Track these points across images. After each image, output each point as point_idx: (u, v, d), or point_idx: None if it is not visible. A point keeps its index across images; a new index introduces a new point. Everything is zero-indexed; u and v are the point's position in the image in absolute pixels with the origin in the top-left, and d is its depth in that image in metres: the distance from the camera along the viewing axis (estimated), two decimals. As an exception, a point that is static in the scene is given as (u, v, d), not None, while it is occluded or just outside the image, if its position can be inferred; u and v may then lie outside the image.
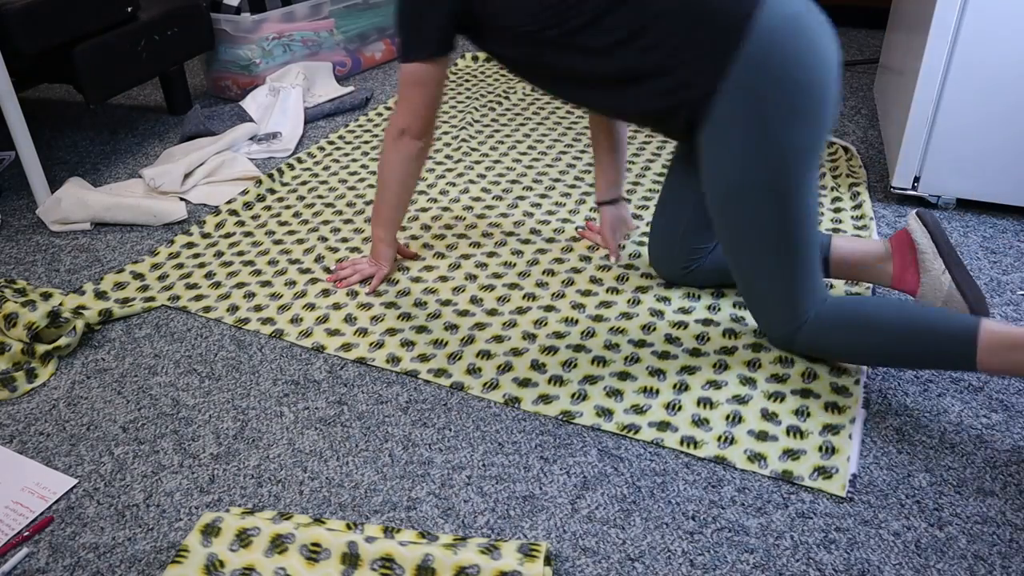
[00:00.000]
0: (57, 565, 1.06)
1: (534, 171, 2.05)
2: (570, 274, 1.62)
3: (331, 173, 2.09)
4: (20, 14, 1.81)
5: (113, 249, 1.79)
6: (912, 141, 1.77)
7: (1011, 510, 1.09)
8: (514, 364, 1.38)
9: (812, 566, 1.02)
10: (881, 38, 2.92)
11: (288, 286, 1.62)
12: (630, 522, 1.09)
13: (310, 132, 2.36)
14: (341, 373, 1.39)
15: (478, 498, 1.14)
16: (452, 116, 2.41)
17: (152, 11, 2.21)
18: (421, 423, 1.27)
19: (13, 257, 1.78)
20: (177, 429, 1.28)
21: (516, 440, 1.23)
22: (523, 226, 1.80)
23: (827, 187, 1.92)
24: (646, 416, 1.26)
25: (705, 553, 1.04)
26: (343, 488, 1.16)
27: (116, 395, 1.36)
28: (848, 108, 2.39)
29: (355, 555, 1.00)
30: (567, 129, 2.29)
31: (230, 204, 1.92)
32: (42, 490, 1.17)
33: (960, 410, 1.26)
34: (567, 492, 1.14)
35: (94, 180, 2.09)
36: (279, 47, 2.57)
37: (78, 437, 1.27)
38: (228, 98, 2.62)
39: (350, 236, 1.79)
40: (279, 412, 1.31)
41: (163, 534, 1.10)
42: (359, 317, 1.52)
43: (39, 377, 1.40)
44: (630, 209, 1.84)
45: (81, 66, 2.00)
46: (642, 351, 1.40)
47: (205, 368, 1.41)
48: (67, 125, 2.48)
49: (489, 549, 1.00)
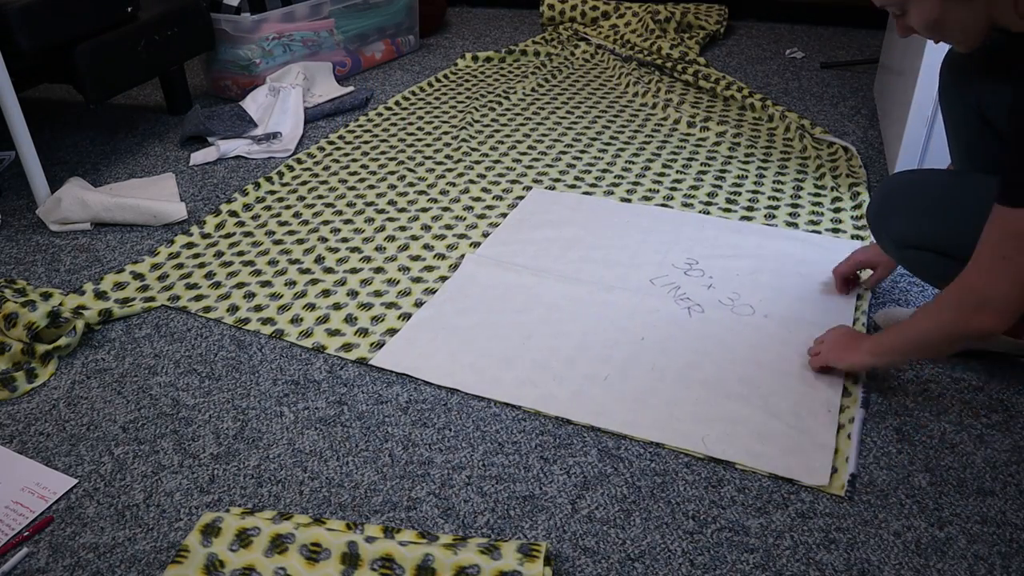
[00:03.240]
0: (57, 565, 1.06)
1: (534, 171, 2.05)
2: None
3: (331, 173, 2.09)
4: (20, 14, 1.81)
5: (113, 249, 1.79)
6: (912, 141, 1.76)
7: (1011, 510, 1.09)
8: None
9: (812, 566, 1.02)
10: (881, 38, 2.92)
11: (288, 286, 1.62)
12: (630, 522, 1.09)
13: (310, 132, 2.36)
14: (341, 373, 1.39)
15: (478, 498, 1.14)
16: (452, 116, 2.41)
17: (152, 11, 2.21)
18: (421, 423, 1.27)
19: (13, 257, 1.78)
20: (177, 429, 1.28)
21: (516, 440, 1.23)
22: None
23: (827, 187, 1.92)
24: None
25: (705, 553, 1.04)
26: (343, 488, 1.16)
27: (116, 395, 1.36)
28: (848, 108, 2.39)
29: (355, 555, 1.00)
30: (567, 129, 2.29)
31: (230, 204, 1.92)
32: (42, 490, 1.17)
33: (960, 410, 1.26)
34: (567, 492, 1.14)
35: (94, 180, 2.09)
36: (279, 47, 2.57)
37: (78, 437, 1.27)
38: (228, 98, 2.62)
39: (350, 236, 1.79)
40: (279, 412, 1.31)
41: (163, 534, 1.10)
42: (359, 317, 1.52)
43: (39, 377, 1.39)
44: (632, 205, 1.84)
45: (81, 66, 2.00)
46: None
47: (205, 368, 1.41)
48: (67, 125, 2.48)
49: (489, 549, 1.00)
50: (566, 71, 2.75)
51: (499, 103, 2.48)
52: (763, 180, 1.96)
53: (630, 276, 1.61)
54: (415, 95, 2.58)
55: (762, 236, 1.72)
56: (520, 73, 2.75)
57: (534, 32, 3.22)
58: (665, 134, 2.24)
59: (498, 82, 2.67)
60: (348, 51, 2.78)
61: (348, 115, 2.48)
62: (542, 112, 2.42)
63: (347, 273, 1.66)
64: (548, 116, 2.39)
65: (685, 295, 1.54)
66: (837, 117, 2.33)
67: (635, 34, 2.88)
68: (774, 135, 2.21)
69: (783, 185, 1.94)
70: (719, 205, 1.85)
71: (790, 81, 2.62)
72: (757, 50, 2.92)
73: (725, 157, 2.09)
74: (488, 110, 2.43)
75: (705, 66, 2.63)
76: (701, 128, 2.23)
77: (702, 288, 1.56)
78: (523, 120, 2.37)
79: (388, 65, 2.91)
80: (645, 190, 1.94)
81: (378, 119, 2.41)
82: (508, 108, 2.46)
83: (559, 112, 2.41)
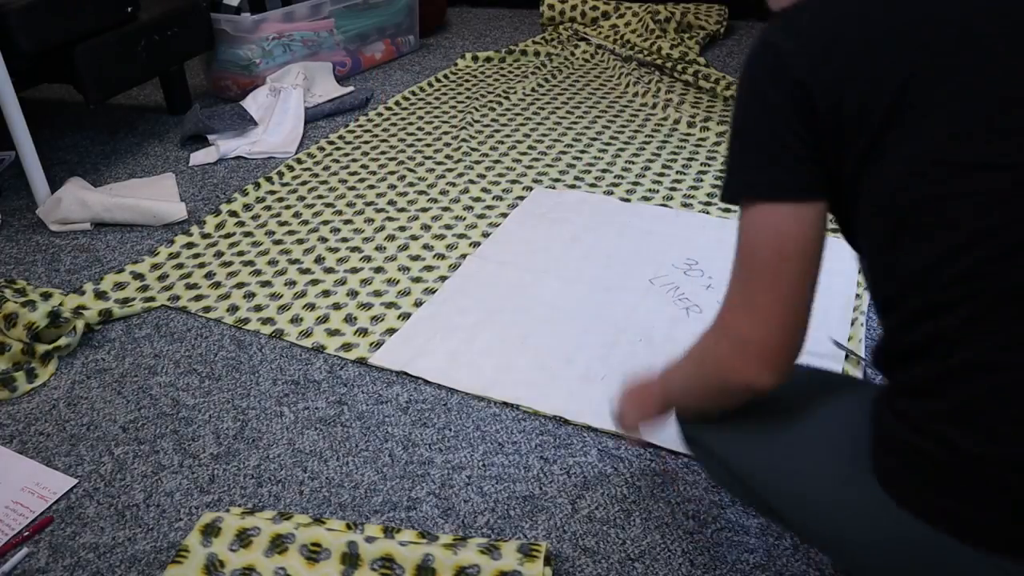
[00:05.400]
0: (57, 565, 1.06)
1: (534, 171, 2.05)
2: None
3: (331, 173, 2.09)
4: (20, 14, 1.81)
5: (113, 249, 1.79)
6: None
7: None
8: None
9: (812, 566, 1.02)
10: (881, 38, 2.92)
11: (288, 286, 1.62)
12: (630, 522, 1.09)
13: (310, 132, 2.36)
14: (341, 373, 1.39)
15: (478, 498, 1.14)
16: (452, 116, 2.41)
17: (152, 11, 2.21)
18: (421, 423, 1.27)
19: (13, 257, 1.78)
20: (177, 429, 1.28)
21: (516, 440, 1.23)
22: (523, 226, 1.80)
23: (827, 187, 1.91)
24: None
25: (705, 553, 1.04)
26: (343, 488, 1.16)
27: (116, 395, 1.36)
28: (848, 108, 2.39)
29: (355, 555, 1.00)
30: (567, 129, 2.29)
31: (230, 204, 1.92)
32: (42, 490, 1.17)
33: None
34: (567, 492, 1.14)
35: (94, 180, 2.09)
36: (279, 47, 2.57)
37: (78, 437, 1.27)
38: (228, 98, 2.62)
39: (350, 236, 1.79)
40: (279, 412, 1.31)
41: (163, 534, 1.10)
42: (359, 317, 1.52)
43: (39, 377, 1.39)
44: (632, 205, 1.84)
45: (81, 66, 2.00)
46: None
47: (205, 368, 1.41)
48: (67, 125, 2.48)
49: (489, 549, 1.00)
50: (566, 71, 2.75)
51: (499, 103, 2.48)
52: (763, 180, 1.96)
53: (629, 276, 1.61)
54: (415, 95, 2.58)
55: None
56: (520, 73, 2.75)
57: (534, 32, 3.22)
58: (665, 134, 2.24)
59: (498, 82, 2.67)
60: (348, 51, 2.78)
61: (348, 115, 2.48)
62: (542, 112, 2.42)
63: (347, 273, 1.66)
64: (548, 116, 2.39)
65: (684, 295, 1.54)
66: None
67: (635, 34, 2.88)
68: (774, 135, 2.21)
69: (783, 185, 1.94)
70: (719, 205, 1.85)
71: (790, 81, 2.61)
72: (757, 50, 2.92)
73: (725, 157, 2.08)
74: (488, 110, 2.43)
75: (705, 66, 2.63)
76: (701, 128, 2.23)
77: (701, 288, 1.56)
78: (523, 120, 2.37)
79: (388, 65, 2.91)
80: (645, 190, 1.94)
81: (378, 119, 2.41)
82: (508, 108, 2.46)
83: (559, 112, 2.41)
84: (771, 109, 0.76)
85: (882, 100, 0.70)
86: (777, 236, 0.75)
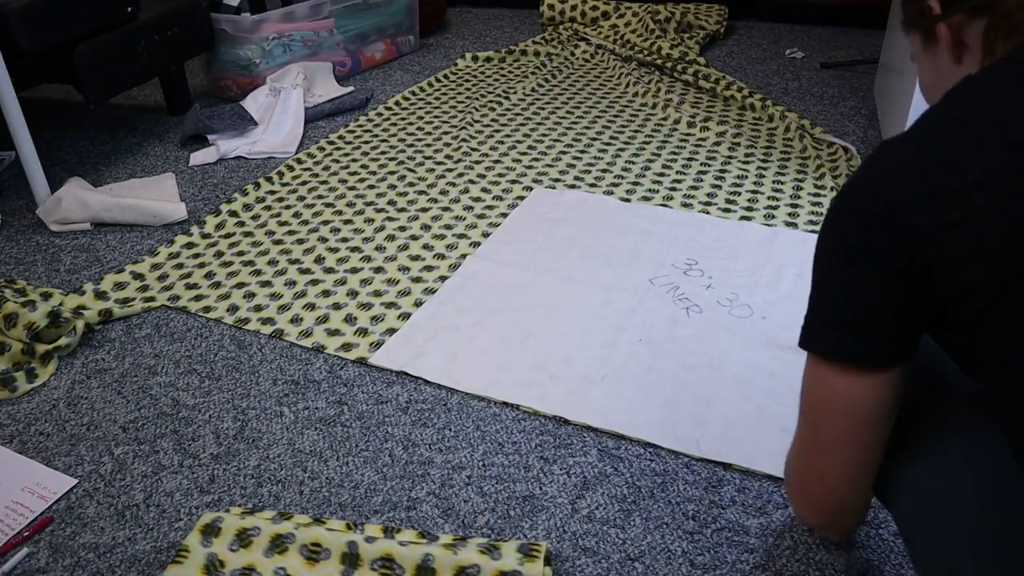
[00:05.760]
0: (57, 565, 1.06)
1: (534, 171, 2.05)
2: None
3: (331, 173, 2.09)
4: (20, 14, 1.81)
5: (113, 249, 1.79)
6: (912, 141, 1.76)
7: (1011, 510, 1.09)
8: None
9: (812, 566, 1.02)
10: (881, 38, 2.92)
11: (288, 286, 1.62)
12: (630, 522, 1.09)
13: (310, 132, 2.36)
14: (341, 373, 1.39)
15: (478, 498, 1.14)
16: (452, 116, 2.41)
17: (152, 11, 2.21)
18: (421, 423, 1.27)
19: (13, 257, 1.78)
20: (177, 429, 1.28)
21: (516, 440, 1.23)
22: (523, 226, 1.80)
23: (827, 187, 1.92)
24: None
25: (705, 553, 1.04)
26: (343, 488, 1.16)
27: (116, 395, 1.36)
28: (848, 108, 2.39)
29: (355, 555, 1.00)
30: (567, 129, 2.29)
31: (230, 204, 1.92)
32: (42, 490, 1.17)
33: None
34: (567, 492, 1.14)
35: (94, 180, 2.09)
36: (279, 47, 2.57)
37: (78, 437, 1.27)
38: (228, 98, 2.62)
39: (350, 236, 1.79)
40: (279, 412, 1.31)
41: (163, 534, 1.10)
42: (359, 317, 1.52)
43: (39, 377, 1.40)
44: (632, 205, 1.84)
45: (81, 66, 2.00)
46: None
47: (205, 368, 1.41)
48: (67, 125, 2.48)
49: (489, 549, 1.00)
50: (566, 71, 2.75)
51: (499, 103, 2.48)
52: (763, 180, 1.96)
53: (629, 276, 1.61)
54: (415, 95, 2.58)
55: (761, 236, 1.72)
56: (520, 73, 2.75)
57: (534, 32, 3.22)
58: (665, 134, 2.24)
59: (498, 82, 2.67)
60: (348, 51, 2.78)
61: (348, 115, 2.48)
62: (542, 112, 2.42)
63: (347, 273, 1.66)
64: (548, 116, 2.39)
65: (684, 295, 1.54)
66: (837, 117, 2.33)
67: (635, 34, 2.88)
68: (774, 135, 2.21)
69: (783, 185, 1.94)
70: (719, 205, 1.85)
71: (790, 81, 2.62)
72: (757, 50, 2.92)
73: (725, 157, 2.09)
74: (488, 110, 2.43)
75: (705, 66, 2.63)
76: (701, 128, 2.23)
77: (701, 288, 1.56)
78: (523, 120, 2.37)
79: (388, 65, 2.91)
80: (645, 190, 1.94)
81: (378, 119, 2.41)
82: (508, 108, 2.46)
83: (559, 112, 2.41)
84: (872, 269, 0.67)
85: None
86: (851, 400, 0.71)
